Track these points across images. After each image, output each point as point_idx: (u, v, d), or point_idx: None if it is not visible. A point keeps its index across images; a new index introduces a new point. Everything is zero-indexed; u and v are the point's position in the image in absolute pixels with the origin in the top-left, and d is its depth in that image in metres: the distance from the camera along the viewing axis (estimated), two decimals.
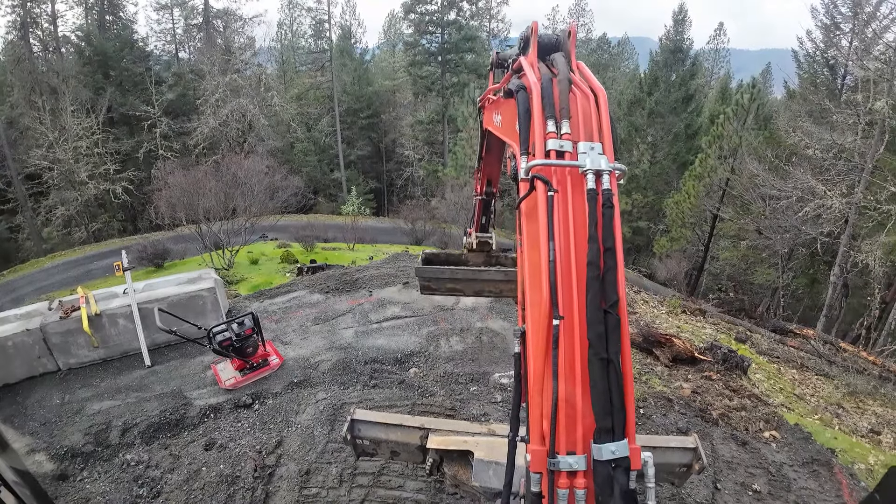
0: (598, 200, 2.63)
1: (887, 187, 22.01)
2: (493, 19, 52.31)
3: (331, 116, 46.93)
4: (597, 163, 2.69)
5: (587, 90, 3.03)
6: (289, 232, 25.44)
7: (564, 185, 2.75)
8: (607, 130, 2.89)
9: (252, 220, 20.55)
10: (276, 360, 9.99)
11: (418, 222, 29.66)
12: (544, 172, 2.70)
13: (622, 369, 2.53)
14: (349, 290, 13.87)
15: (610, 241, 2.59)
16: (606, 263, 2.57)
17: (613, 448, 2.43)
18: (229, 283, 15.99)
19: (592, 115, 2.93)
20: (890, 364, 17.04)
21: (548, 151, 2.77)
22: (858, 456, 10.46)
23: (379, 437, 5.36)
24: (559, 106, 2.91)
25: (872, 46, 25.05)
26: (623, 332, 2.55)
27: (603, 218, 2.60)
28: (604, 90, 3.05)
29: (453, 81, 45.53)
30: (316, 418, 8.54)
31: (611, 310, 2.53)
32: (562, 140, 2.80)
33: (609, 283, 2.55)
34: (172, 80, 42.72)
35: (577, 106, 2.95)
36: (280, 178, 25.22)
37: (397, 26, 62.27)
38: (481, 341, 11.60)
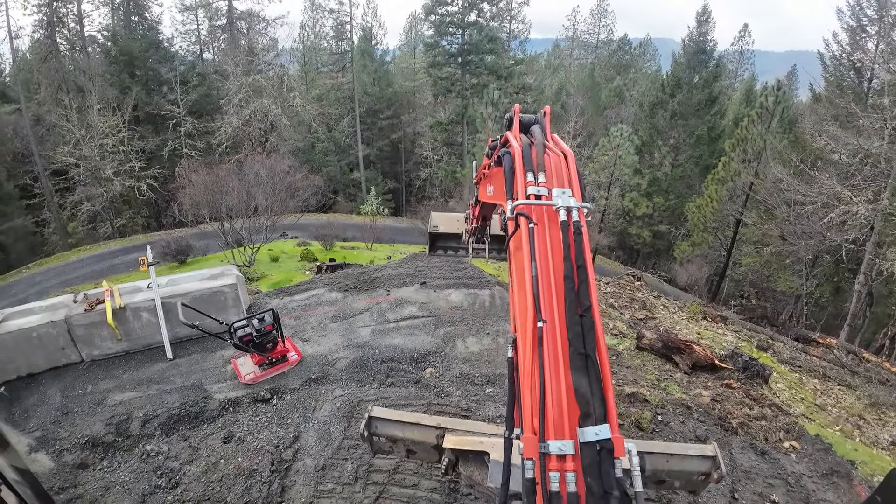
0: (569, 230, 3.30)
1: None
2: (514, 20, 52.14)
3: (351, 117, 47.25)
4: (567, 202, 3.41)
5: (559, 152, 3.80)
6: (308, 230, 25.74)
7: (542, 219, 3.44)
8: (575, 181, 3.61)
9: (273, 218, 20.80)
10: (294, 356, 10.11)
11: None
12: (526, 210, 3.42)
13: (599, 363, 2.97)
14: (367, 289, 13.97)
15: (581, 259, 3.20)
16: (579, 277, 3.15)
17: (596, 430, 2.76)
18: (250, 280, 16.22)
19: (563, 169, 3.66)
20: None
21: (528, 195, 3.49)
22: (879, 468, 10.21)
23: (395, 435, 5.40)
24: (536, 161, 3.67)
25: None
26: (597, 332, 3.06)
27: (574, 243, 3.26)
28: (572, 153, 3.82)
29: (473, 83, 45.45)
30: (333, 415, 8.63)
31: (585, 313, 3.06)
32: (539, 187, 3.53)
33: (582, 293, 3.12)
34: (197, 81, 43.42)
35: (551, 162, 3.71)
36: (301, 177, 25.45)
37: (418, 28, 62.49)
38: (497, 343, 11.58)
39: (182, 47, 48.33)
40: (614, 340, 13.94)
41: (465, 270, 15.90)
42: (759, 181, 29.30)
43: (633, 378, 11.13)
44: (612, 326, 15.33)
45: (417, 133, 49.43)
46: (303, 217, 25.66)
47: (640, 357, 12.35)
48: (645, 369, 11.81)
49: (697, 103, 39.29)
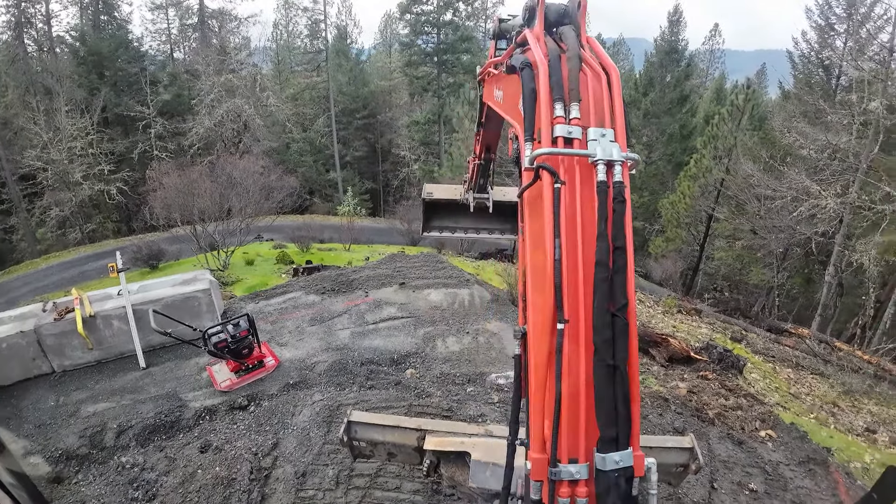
0: (608, 194, 2.44)
1: (881, 187, 22.11)
2: (489, 20, 52.32)
3: (326, 117, 46.81)
4: (608, 151, 2.47)
5: (598, 69, 2.75)
6: (284, 232, 25.36)
7: (572, 176, 2.53)
8: (620, 115, 2.65)
9: (247, 220, 20.47)
10: (271, 361, 9.96)
11: (414, 223, 29.56)
12: (551, 162, 2.48)
13: (629, 376, 2.39)
14: (345, 291, 13.85)
15: (620, 239, 2.42)
16: (616, 263, 2.41)
17: (618, 458, 2.33)
18: (224, 285, 15.93)
19: (604, 97, 2.68)
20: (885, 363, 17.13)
21: (555, 138, 2.54)
22: (854, 454, 10.51)
23: (376, 439, 5.35)
24: (568, 87, 2.62)
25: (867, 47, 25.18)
26: (631, 338, 2.41)
27: (614, 214, 2.42)
28: (616, 70, 2.77)
29: (449, 82, 45.49)
30: (312, 420, 8.52)
31: (619, 314, 2.38)
32: (570, 126, 2.55)
33: (618, 285, 2.40)
34: (167, 81, 42.51)
35: (588, 87, 2.68)
36: (275, 178, 25.12)
37: (393, 27, 62.25)
38: (478, 342, 11.60)
39: (152, 47, 47.35)
40: None
41: (444, 270, 15.89)
42: (730, 177, 29.93)
43: None
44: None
45: (394, 132, 49.23)
46: (278, 219, 25.29)
47: None
48: None
49: (669, 102, 39.95)
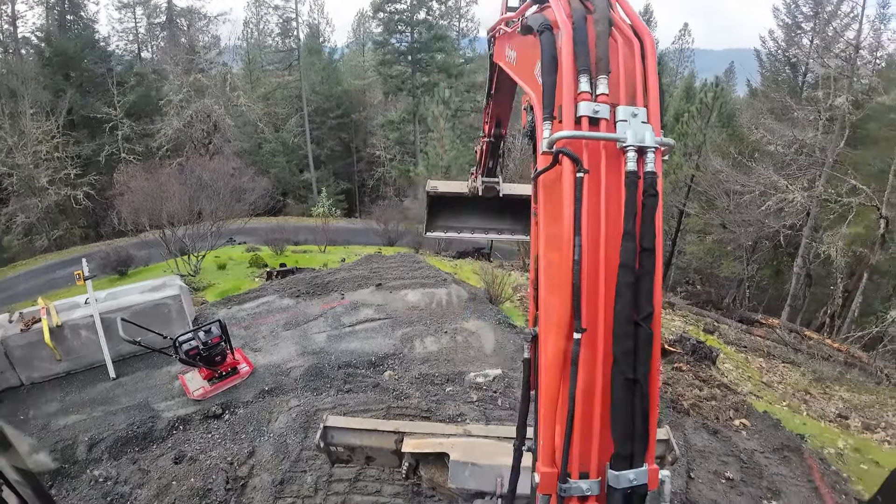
0: (638, 186, 2.16)
1: (847, 180, 22.89)
2: (463, 18, 52.46)
3: (299, 116, 46.25)
4: (640, 135, 2.17)
5: (630, 34, 2.39)
6: (257, 235, 24.94)
7: (597, 163, 2.21)
8: (654, 91, 2.32)
9: (218, 223, 20.06)
10: (245, 367, 9.76)
11: (391, 223, 29.50)
12: (573, 147, 2.18)
13: (649, 391, 2.21)
14: (320, 294, 13.66)
15: (649, 239, 2.17)
16: (643, 266, 2.17)
17: (632, 476, 2.20)
18: (196, 290, 15.59)
19: (637, 69, 2.32)
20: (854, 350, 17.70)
21: (578, 118, 2.22)
22: (828, 440, 10.80)
23: (353, 444, 5.29)
24: (595, 56, 2.26)
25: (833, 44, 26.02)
26: (654, 350, 2.20)
27: (643, 209, 2.17)
28: (651, 37, 2.40)
29: (424, 81, 45.37)
30: (289, 426, 8.38)
31: (643, 322, 2.16)
32: (597, 103, 2.22)
33: (643, 291, 2.17)
34: (135, 81, 41.43)
35: (619, 57, 2.32)
36: (247, 179, 24.67)
37: (366, 25, 61.76)
38: (456, 341, 11.58)
39: (119, 46, 46.18)
40: None
41: (421, 270, 15.83)
42: (700, 173, 30.59)
43: None
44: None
45: (369, 132, 48.88)
46: (251, 221, 24.82)
47: None
48: None
49: None
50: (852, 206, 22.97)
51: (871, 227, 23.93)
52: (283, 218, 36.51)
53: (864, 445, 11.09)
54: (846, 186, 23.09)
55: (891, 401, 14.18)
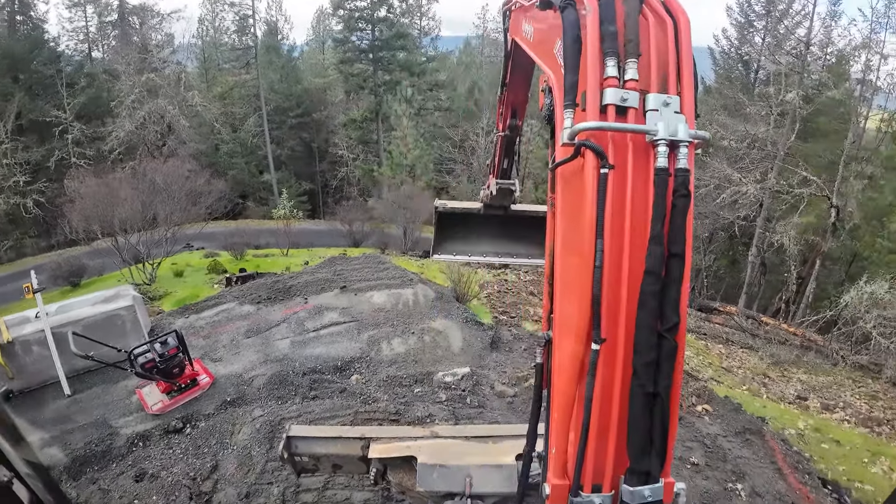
0: (668, 184, 1.96)
1: (798, 172, 23.91)
2: (424, 17, 52.24)
3: (258, 116, 45.08)
4: (672, 128, 1.95)
5: (663, 13, 2.14)
6: (216, 240, 24.13)
7: (623, 157, 2.00)
8: (689, 77, 2.09)
9: (174, 229, 19.37)
10: (205, 379, 9.47)
11: (356, 223, 29.14)
12: (598, 139, 1.97)
13: (670, 406, 2.06)
14: (282, 299, 13.36)
15: (679, 244, 1.98)
16: (670, 274, 1.99)
17: (648, 493, 2.08)
18: (152, 299, 15.04)
19: (670, 52, 2.09)
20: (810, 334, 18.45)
21: (604, 106, 2.00)
22: (788, 422, 11.25)
23: (318, 452, 5.22)
24: (624, 37, 2.04)
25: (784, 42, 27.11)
26: (677, 363, 2.04)
27: (673, 210, 1.97)
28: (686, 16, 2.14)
29: (386, 79, 44.89)
30: (253, 437, 8.17)
31: (667, 334, 2.00)
32: (625, 90, 2.00)
33: (669, 300, 1.99)
34: (85, 82, 39.65)
35: (650, 38, 2.08)
36: (203, 182, 23.92)
37: (326, 22, 60.80)
38: (423, 341, 11.54)
39: (69, 46, 43.90)
40: (535, 326, 14.36)
41: (387, 270, 15.69)
42: None
43: None
44: (533, 313, 15.79)
45: (331, 131, 48.13)
46: (209, 225, 24.06)
47: None
48: None
49: None
50: (804, 196, 24.05)
51: (823, 216, 25.10)
52: (243, 221, 35.65)
53: (823, 425, 11.61)
54: (797, 178, 24.14)
55: (848, 381, 14.89)
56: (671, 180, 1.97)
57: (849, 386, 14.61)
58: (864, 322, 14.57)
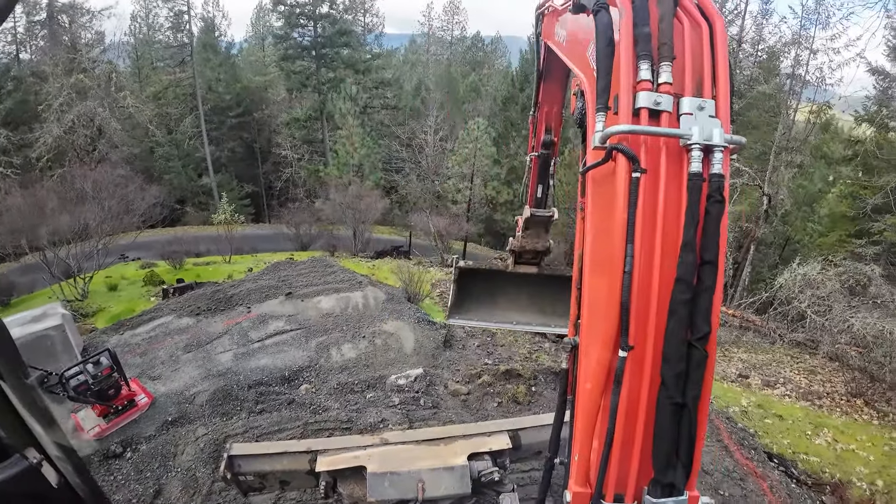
0: (702, 190, 1.94)
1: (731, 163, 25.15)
2: (368, 13, 51.55)
3: (194, 116, 43.19)
4: (707, 132, 1.92)
5: (698, 16, 2.12)
6: (153, 249, 22.89)
7: (656, 162, 1.97)
8: (724, 81, 2.04)
9: (106, 239, 18.26)
10: (144, 399, 9.02)
11: (303, 226, 28.41)
12: (630, 142, 1.95)
13: (698, 418, 2.01)
14: (224, 309, 12.91)
15: (712, 250, 1.94)
16: (702, 282, 1.94)
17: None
18: (84, 316, 14.18)
19: (705, 56, 2.06)
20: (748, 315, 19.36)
21: (637, 109, 1.97)
22: (732, 400, 11.80)
23: (263, 470, 5.08)
24: (658, 41, 2.01)
25: None
26: (707, 374, 2.00)
27: (707, 217, 1.93)
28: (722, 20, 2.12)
29: (330, 77, 44.00)
30: (197, 458, 7.84)
31: (697, 344, 1.96)
32: (659, 93, 1.97)
33: (701, 309, 1.94)
34: (12, 86, 36.84)
35: (685, 41, 2.06)
36: (135, 188, 22.68)
37: (266, 19, 59.07)
38: (375, 345, 11.43)
39: None
40: None
41: (334, 274, 15.43)
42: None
43: (508, 355, 11.67)
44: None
45: (273, 131, 46.76)
46: (144, 234, 22.78)
47: (513, 334, 12.93)
48: (518, 345, 12.41)
49: None
50: (737, 186, 25.32)
51: (756, 204, 26.53)
52: (182, 228, 34.07)
53: (765, 401, 12.25)
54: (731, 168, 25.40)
55: (786, 358, 15.71)
56: (705, 186, 1.94)
57: (788, 363, 15.34)
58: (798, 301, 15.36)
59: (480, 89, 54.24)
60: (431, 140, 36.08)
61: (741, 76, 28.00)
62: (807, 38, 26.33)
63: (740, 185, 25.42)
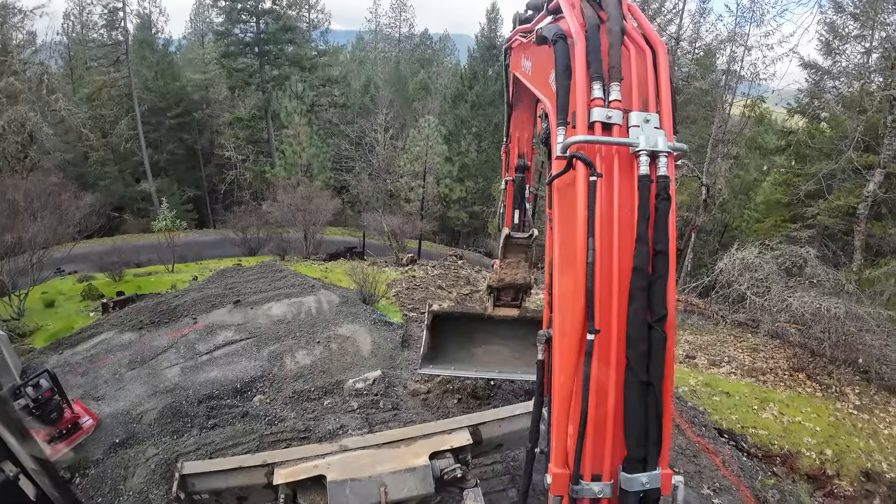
0: (651, 189, 2.22)
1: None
2: (313, 9, 50.44)
3: (131, 118, 41.14)
4: (653, 140, 2.22)
5: (643, 43, 2.46)
6: (90, 261, 21.55)
7: (610, 167, 2.27)
8: (667, 97, 2.38)
9: (40, 253, 17.18)
10: (88, 421, 8.57)
11: (250, 230, 27.56)
12: (587, 151, 2.23)
13: (663, 395, 2.24)
14: (168, 321, 12.39)
15: (663, 242, 2.22)
16: (656, 270, 2.22)
17: (645, 479, 2.23)
18: (21, 336, 13.36)
19: (649, 76, 2.39)
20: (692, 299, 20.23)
21: (591, 123, 2.28)
22: (680, 380, 12.28)
23: (218, 487, 4.94)
24: (608, 64, 2.33)
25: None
26: (668, 353, 2.24)
27: (656, 213, 2.21)
28: (664, 46, 2.47)
29: (274, 74, 42.84)
30: (149, 479, 7.54)
31: (656, 326, 2.21)
32: (610, 109, 2.29)
33: (657, 294, 2.21)
34: None
35: (631, 64, 2.39)
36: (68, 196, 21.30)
37: (205, 14, 56.94)
38: (330, 349, 11.31)
39: None
40: None
41: (285, 279, 15.12)
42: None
43: None
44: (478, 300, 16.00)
45: (215, 131, 45.15)
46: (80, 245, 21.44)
47: None
48: None
49: (493, 94, 42.61)
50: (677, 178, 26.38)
51: (695, 194, 27.74)
52: (121, 237, 32.37)
53: (712, 380, 12.83)
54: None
55: (730, 338, 16.50)
56: (653, 186, 2.24)
57: (731, 342, 16.09)
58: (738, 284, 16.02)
59: (430, 86, 54.26)
60: (382, 138, 35.81)
61: (679, 73, 29.14)
62: (742, 36, 27.74)
63: (679, 177, 26.58)
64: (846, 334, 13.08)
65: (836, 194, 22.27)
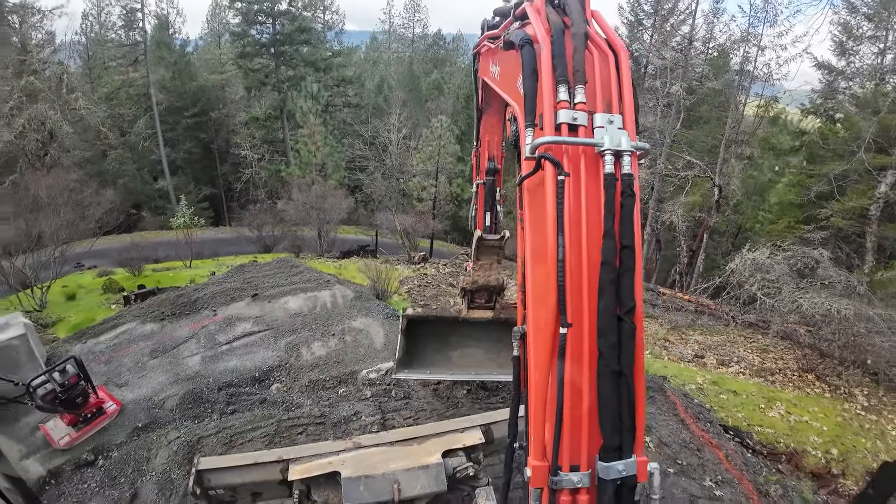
0: (616, 187, 2.33)
1: (683, 157, 26.22)
2: (328, 10, 50.98)
3: (149, 117, 41.88)
4: (616, 140, 2.33)
5: (606, 48, 2.56)
6: (109, 257, 22.11)
7: (577, 166, 2.37)
8: (629, 99, 2.49)
9: (62, 247, 17.69)
10: (112, 406, 8.92)
11: (265, 228, 27.99)
12: (554, 151, 2.33)
13: (635, 384, 2.32)
14: (188, 313, 12.73)
15: (629, 237, 2.32)
16: (623, 264, 2.31)
17: (621, 467, 2.29)
18: (44, 327, 13.79)
19: (612, 79, 2.50)
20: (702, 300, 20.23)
21: (558, 125, 2.38)
22: (688, 378, 12.32)
23: (234, 482, 5.03)
24: (573, 67, 2.43)
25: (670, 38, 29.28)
26: (638, 343, 2.32)
27: (622, 209, 2.32)
28: (625, 50, 2.58)
29: (290, 74, 43.36)
30: (171, 460, 7.86)
31: (625, 317, 2.29)
32: (575, 111, 2.38)
33: (625, 287, 2.30)
34: None
35: (595, 68, 2.49)
36: (90, 193, 21.94)
37: (222, 15, 57.63)
38: (345, 341, 11.54)
39: None
40: None
41: (301, 274, 15.41)
42: None
43: None
44: (453, 303, 16.21)
45: (231, 131, 45.74)
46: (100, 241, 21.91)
47: None
48: None
49: None
50: (689, 178, 26.39)
51: (707, 194, 27.69)
52: (139, 234, 33.07)
53: (720, 379, 12.83)
54: (682, 162, 26.49)
55: (740, 338, 16.42)
56: (618, 184, 2.34)
57: (741, 343, 16.00)
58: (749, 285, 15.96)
59: (443, 86, 54.43)
60: (395, 138, 36.10)
61: (692, 73, 29.04)
62: (755, 36, 27.57)
63: (692, 177, 26.53)
64: (856, 336, 12.98)
65: (849, 196, 22.10)
